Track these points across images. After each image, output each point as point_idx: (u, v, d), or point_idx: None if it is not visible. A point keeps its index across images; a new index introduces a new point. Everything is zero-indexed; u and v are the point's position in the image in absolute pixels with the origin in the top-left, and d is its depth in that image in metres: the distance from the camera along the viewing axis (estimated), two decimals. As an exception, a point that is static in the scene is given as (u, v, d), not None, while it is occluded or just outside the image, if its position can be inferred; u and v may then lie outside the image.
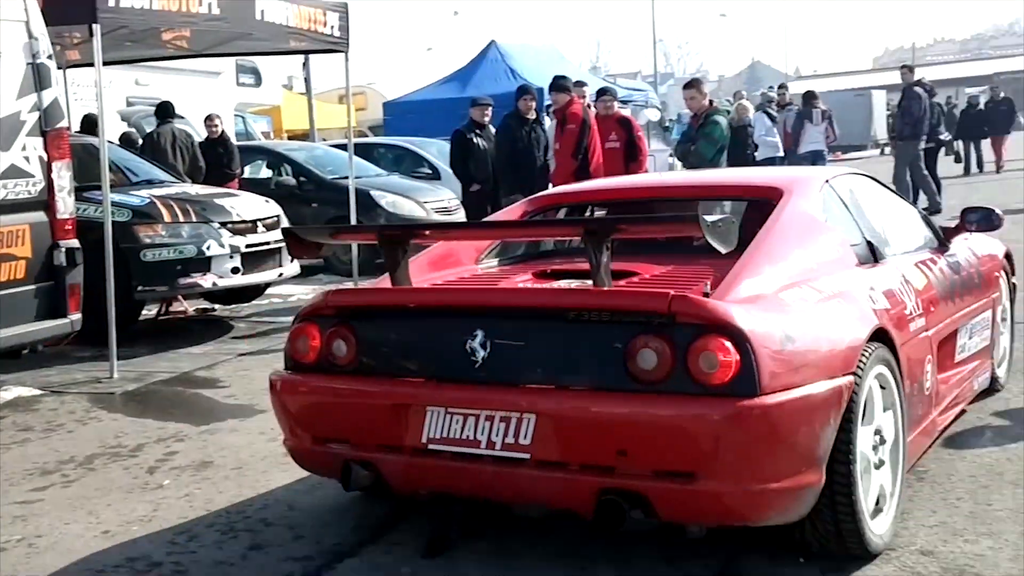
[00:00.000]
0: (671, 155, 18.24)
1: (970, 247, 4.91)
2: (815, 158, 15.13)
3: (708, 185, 4.60)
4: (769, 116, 15.36)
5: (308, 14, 8.48)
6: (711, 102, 8.90)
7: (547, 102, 9.93)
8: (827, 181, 4.10)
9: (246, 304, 9.29)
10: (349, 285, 5.81)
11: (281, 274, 8.36)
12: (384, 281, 3.72)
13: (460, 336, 3.23)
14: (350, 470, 3.42)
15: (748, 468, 2.91)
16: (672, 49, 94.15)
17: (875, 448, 3.34)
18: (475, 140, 9.95)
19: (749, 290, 3.16)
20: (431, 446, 3.26)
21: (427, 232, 4.18)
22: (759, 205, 3.68)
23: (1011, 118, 22.19)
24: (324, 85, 27.11)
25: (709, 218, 3.00)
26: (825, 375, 3.07)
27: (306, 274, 10.25)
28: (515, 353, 3.18)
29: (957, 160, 21.19)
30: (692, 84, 8.98)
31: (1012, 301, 5.38)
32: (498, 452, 3.15)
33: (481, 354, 3.20)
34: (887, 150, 28.75)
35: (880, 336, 3.38)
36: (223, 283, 7.77)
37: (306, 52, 10.65)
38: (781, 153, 15.19)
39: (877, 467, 3.35)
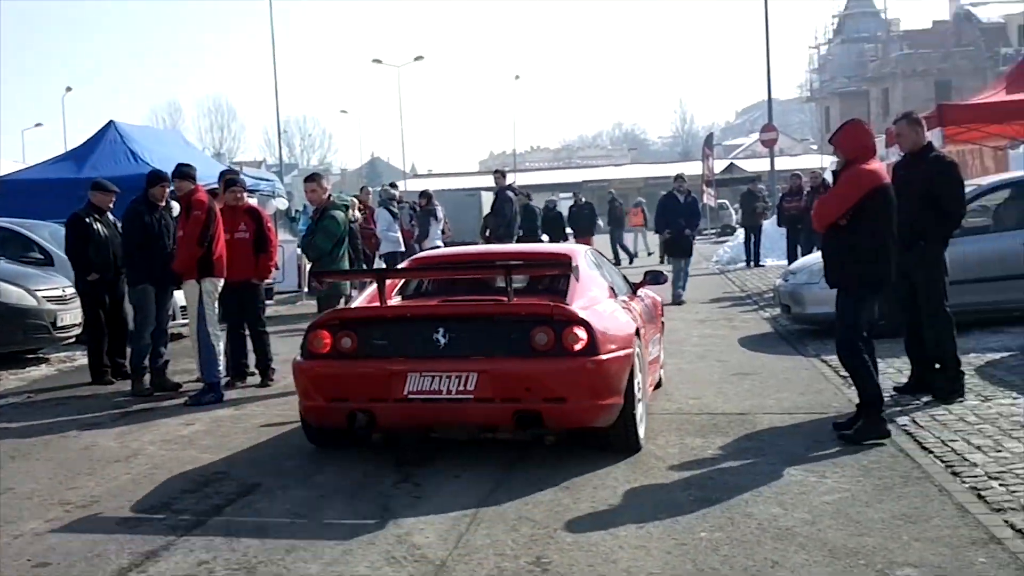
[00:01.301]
0: (299, 246, 18.23)
1: (647, 294, 8.05)
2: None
3: (527, 252, 7.61)
4: (390, 212, 15.84)
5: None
6: (329, 196, 8.94)
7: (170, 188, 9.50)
8: (587, 251, 7.25)
9: None
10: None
11: None
12: (364, 302, 6.48)
13: (429, 332, 5.80)
14: (355, 416, 5.83)
15: (593, 393, 5.63)
16: (296, 141, 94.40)
17: (638, 390, 6.15)
18: (95, 225, 9.40)
19: (580, 305, 5.95)
20: (410, 396, 5.69)
21: (401, 273, 7.13)
22: (558, 264, 6.52)
23: (593, 221, 24.48)
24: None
25: (573, 263, 6.27)
26: (622, 347, 5.89)
27: None
28: (463, 339, 5.77)
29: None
30: (312, 178, 8.97)
31: (662, 331, 8.42)
32: (453, 395, 5.63)
33: (443, 341, 5.77)
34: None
35: (636, 332, 6.30)
36: None
37: None
38: (403, 248, 15.72)
39: (639, 400, 6.17)
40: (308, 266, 10.47)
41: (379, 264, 15.05)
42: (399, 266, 7.96)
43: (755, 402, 7.38)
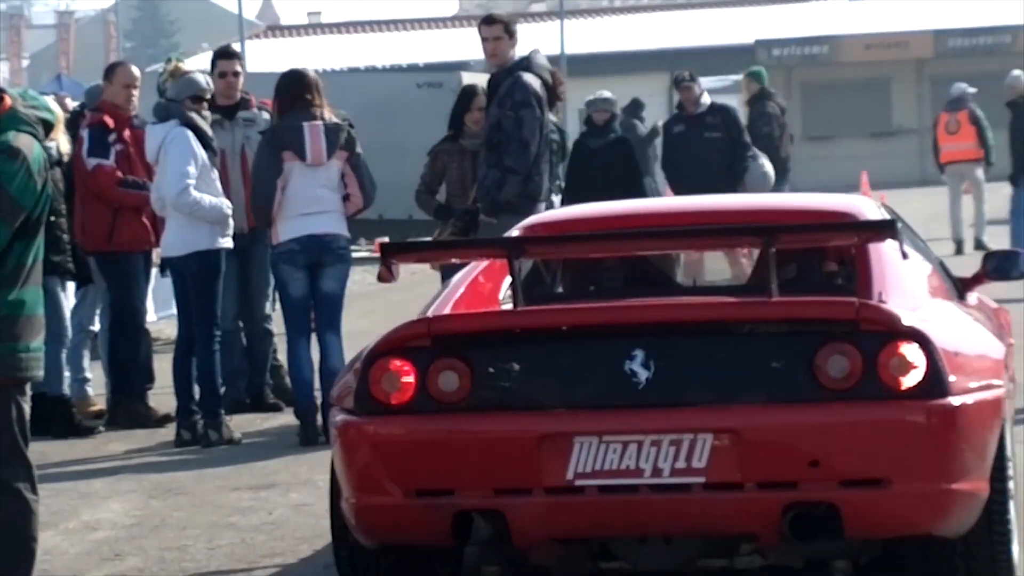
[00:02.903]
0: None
1: (985, 301, 10.23)
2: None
3: (778, 208, 10.29)
4: (198, 135, 15.73)
5: None
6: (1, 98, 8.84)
7: None
8: (880, 207, 9.74)
9: None
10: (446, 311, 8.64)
11: None
12: (461, 305, 8.62)
13: (614, 358, 7.52)
14: (469, 522, 7.58)
15: (938, 469, 7.23)
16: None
17: (1011, 470, 8.02)
18: None
19: (902, 304, 7.70)
20: (579, 482, 7.42)
21: (551, 247, 9.22)
22: (862, 227, 8.53)
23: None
24: None
25: (897, 226, 8.15)
26: (986, 384, 7.73)
27: None
28: (682, 370, 7.56)
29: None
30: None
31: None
32: (665, 479, 7.32)
33: (644, 375, 7.44)
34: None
35: (1004, 363, 8.41)
36: None
37: None
38: (228, 235, 15.64)
39: (1012, 493, 7.99)
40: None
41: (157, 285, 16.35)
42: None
43: None
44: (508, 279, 8.69)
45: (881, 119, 54.62)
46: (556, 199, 20.12)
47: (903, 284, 7.93)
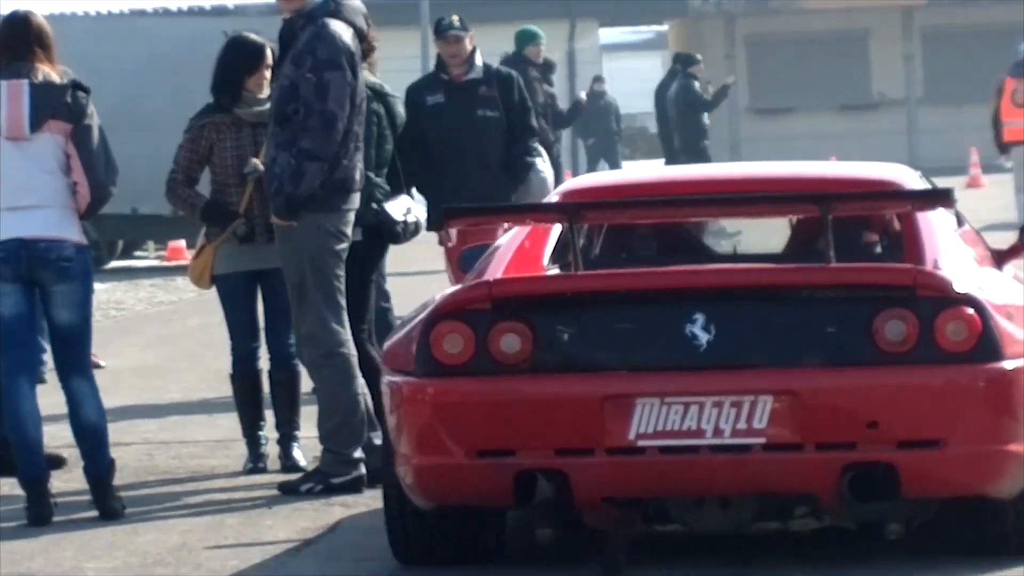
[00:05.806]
0: None
1: (1017, 275, 13.80)
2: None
3: (826, 179, 14.26)
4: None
5: None
6: None
7: None
8: (920, 176, 15.19)
9: None
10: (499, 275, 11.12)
11: None
12: (512, 268, 12.73)
13: (676, 321, 11.60)
14: (533, 482, 11.17)
15: (993, 430, 11.61)
16: None
17: None
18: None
19: (954, 271, 12.35)
20: (640, 442, 11.30)
21: (607, 212, 13.40)
22: (915, 197, 13.03)
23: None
24: None
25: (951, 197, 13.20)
26: None
27: None
28: (742, 334, 11.73)
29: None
30: None
31: None
32: (726, 440, 11.29)
33: (705, 338, 11.47)
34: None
35: None
36: None
37: None
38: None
39: None
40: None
41: None
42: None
43: None
44: (552, 243, 12.51)
45: (856, 87, 54.66)
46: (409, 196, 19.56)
47: (955, 252, 10.54)
